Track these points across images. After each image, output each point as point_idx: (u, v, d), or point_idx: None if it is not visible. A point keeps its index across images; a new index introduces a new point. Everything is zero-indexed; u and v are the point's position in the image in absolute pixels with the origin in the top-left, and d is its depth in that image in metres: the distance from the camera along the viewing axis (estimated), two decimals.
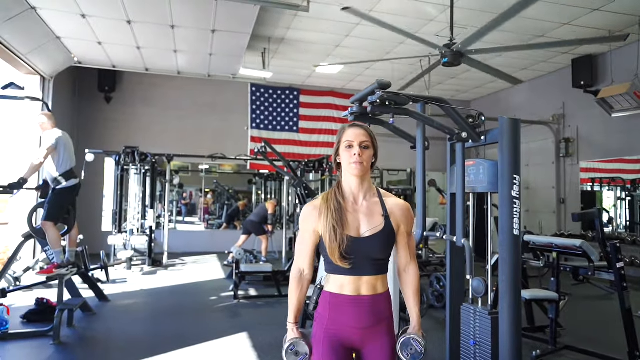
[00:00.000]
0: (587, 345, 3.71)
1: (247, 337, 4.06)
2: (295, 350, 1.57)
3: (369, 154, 1.58)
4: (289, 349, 1.57)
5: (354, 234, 1.53)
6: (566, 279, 5.38)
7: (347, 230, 1.53)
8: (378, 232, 1.55)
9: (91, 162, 7.18)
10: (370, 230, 1.54)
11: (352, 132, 1.58)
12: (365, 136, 1.58)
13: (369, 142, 1.58)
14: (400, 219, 1.61)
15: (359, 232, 1.54)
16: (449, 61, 5.13)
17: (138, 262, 7.95)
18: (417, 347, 1.57)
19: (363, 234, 1.54)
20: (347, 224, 1.53)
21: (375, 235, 1.54)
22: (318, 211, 1.58)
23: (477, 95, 10.86)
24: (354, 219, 1.56)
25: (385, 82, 2.28)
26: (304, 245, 1.62)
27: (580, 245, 3.60)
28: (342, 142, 1.59)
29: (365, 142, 1.57)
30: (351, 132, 1.58)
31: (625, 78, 6.77)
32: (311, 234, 1.60)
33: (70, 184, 4.25)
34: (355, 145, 1.56)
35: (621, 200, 8.34)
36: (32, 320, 4.27)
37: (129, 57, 7.50)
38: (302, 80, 10.07)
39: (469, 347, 2.76)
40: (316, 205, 1.61)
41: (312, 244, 1.61)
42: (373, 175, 9.56)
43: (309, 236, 1.60)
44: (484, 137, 2.72)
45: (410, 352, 1.57)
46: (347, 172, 1.60)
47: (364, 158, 1.56)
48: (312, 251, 1.62)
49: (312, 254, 1.62)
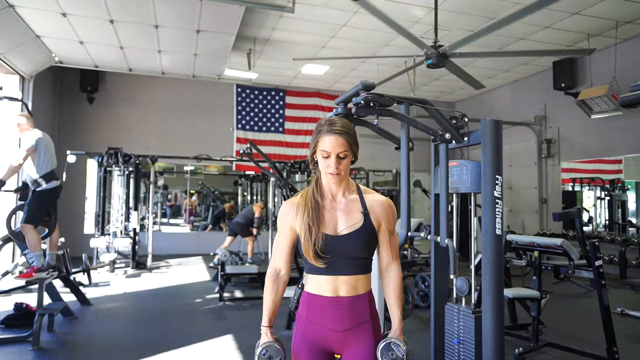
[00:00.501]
0: (568, 342, 3.79)
1: (232, 339, 4.03)
2: (269, 355, 1.50)
3: (346, 162, 1.49)
4: (261, 354, 1.50)
5: (331, 232, 1.48)
6: (547, 278, 5.48)
7: (324, 229, 1.47)
8: (356, 229, 1.49)
9: (73, 163, 7.07)
10: (348, 228, 1.49)
11: (329, 142, 1.46)
12: (343, 145, 1.46)
13: (347, 151, 1.48)
14: (381, 216, 1.54)
15: (337, 230, 1.49)
16: (433, 63, 5.19)
17: (121, 264, 7.83)
18: (398, 352, 1.50)
19: (340, 232, 1.49)
20: (323, 222, 1.48)
21: (354, 233, 1.49)
22: (295, 209, 1.53)
23: (461, 96, 11.00)
24: (331, 217, 1.50)
25: (369, 84, 2.30)
26: (280, 244, 1.57)
27: (561, 245, 3.67)
28: (318, 147, 1.49)
29: (343, 152, 1.47)
30: (328, 141, 1.46)
31: (604, 80, 6.94)
32: (288, 232, 1.55)
33: (51, 185, 4.17)
34: (332, 157, 1.46)
35: (600, 200, 8.54)
36: (11, 326, 4.17)
37: (112, 57, 7.39)
38: (288, 81, 10.06)
39: (453, 345, 2.79)
40: (294, 203, 1.55)
41: (289, 242, 1.56)
42: (359, 176, 9.62)
43: (285, 235, 1.56)
44: (467, 138, 2.75)
45: (391, 357, 1.50)
46: (324, 175, 1.52)
47: (341, 168, 1.48)
48: (289, 250, 1.57)
49: (289, 253, 1.57)
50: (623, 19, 6.42)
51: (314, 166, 1.56)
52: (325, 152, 1.47)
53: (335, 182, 1.51)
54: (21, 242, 4.34)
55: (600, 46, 7.37)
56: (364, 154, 9.64)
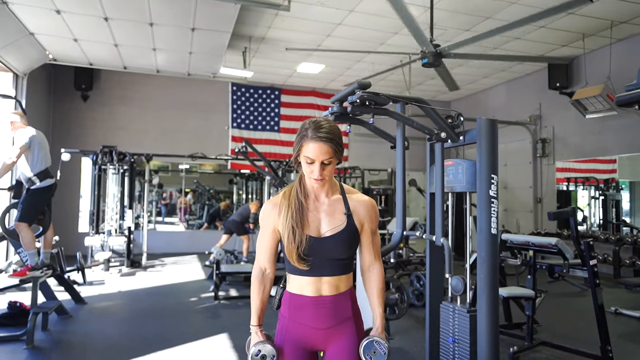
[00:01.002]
0: (562, 341, 3.81)
1: (227, 337, 4.02)
2: (262, 355, 1.50)
3: (330, 168, 1.47)
4: (255, 355, 1.50)
5: (314, 233, 1.48)
6: (542, 277, 5.51)
7: (308, 230, 1.47)
8: (339, 231, 1.49)
9: (67, 161, 7.00)
10: (331, 230, 1.49)
11: (313, 149, 1.42)
12: (327, 152, 1.42)
13: (332, 158, 1.44)
14: (363, 216, 1.54)
15: (320, 231, 1.49)
16: (429, 62, 5.20)
17: (116, 263, 7.79)
18: (380, 350, 1.51)
19: (324, 234, 1.48)
20: (307, 224, 1.48)
21: (336, 235, 1.48)
22: (278, 209, 1.52)
23: (457, 96, 11.02)
24: (314, 218, 1.50)
25: (365, 82, 2.30)
26: (264, 243, 1.57)
27: (556, 244, 3.69)
28: (302, 152, 1.45)
29: (327, 159, 1.44)
30: (312, 149, 1.42)
31: (599, 80, 6.98)
32: (271, 232, 1.54)
33: (45, 184, 4.14)
34: (316, 164, 1.44)
35: (595, 200, 8.59)
36: (4, 324, 4.13)
37: (106, 54, 7.34)
38: (284, 79, 10.04)
39: (448, 344, 2.79)
40: (276, 202, 1.54)
41: (273, 242, 1.56)
42: (355, 175, 9.63)
43: (268, 235, 1.55)
44: (462, 137, 2.75)
45: (373, 354, 1.51)
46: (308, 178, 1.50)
47: (325, 174, 1.46)
48: (273, 250, 1.57)
49: (273, 252, 1.57)
50: (618, 19, 6.45)
51: (298, 166, 1.53)
52: (309, 159, 1.44)
53: (318, 186, 1.51)
54: (15, 240, 4.31)
55: (595, 46, 7.41)
56: (359, 152, 9.61)
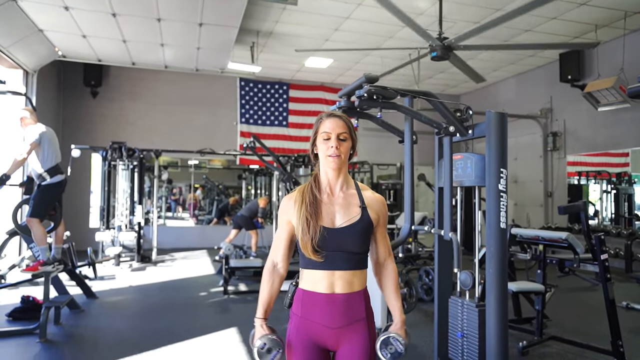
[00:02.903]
0: (572, 336, 3.78)
1: (236, 332, 4.05)
2: (268, 348, 1.48)
3: (346, 145, 1.52)
4: (260, 348, 1.48)
5: (328, 225, 1.48)
6: (552, 271, 5.46)
7: (322, 222, 1.47)
8: (354, 222, 1.49)
9: (77, 157, 7.08)
10: (346, 222, 1.49)
11: (329, 123, 1.51)
12: (343, 127, 1.51)
13: (347, 134, 1.52)
14: (378, 211, 1.55)
15: (334, 223, 1.49)
16: (438, 55, 5.14)
17: (127, 258, 7.88)
18: (397, 347, 1.48)
19: (338, 225, 1.48)
20: (321, 216, 1.48)
21: (352, 226, 1.48)
22: (293, 203, 1.53)
23: (466, 89, 10.92)
24: (329, 211, 1.50)
25: (372, 76, 2.28)
26: (278, 238, 1.57)
27: (566, 238, 3.65)
28: (319, 133, 1.53)
29: (343, 134, 1.50)
30: (328, 123, 1.52)
31: (611, 72, 6.85)
32: (286, 225, 1.55)
33: (56, 180, 4.18)
34: (332, 138, 1.50)
35: (607, 194, 8.47)
36: (18, 318, 4.21)
37: (115, 50, 7.38)
38: (292, 74, 10.01)
39: (457, 339, 2.78)
40: (292, 197, 1.56)
41: (287, 236, 1.55)
42: (363, 170, 9.60)
43: (283, 228, 1.56)
44: (471, 131, 2.73)
45: (390, 351, 1.48)
46: (324, 164, 1.53)
47: (341, 150, 1.50)
48: (287, 244, 1.56)
49: (287, 246, 1.56)
50: (632, 10, 6.32)
51: (315, 158, 1.58)
52: (325, 134, 1.51)
53: (335, 166, 1.51)
54: (27, 235, 4.37)
55: (608, 37, 7.27)
56: (367, 147, 9.56)
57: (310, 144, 1.58)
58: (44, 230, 4.24)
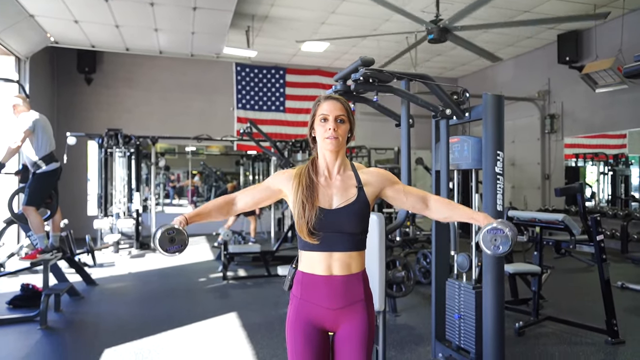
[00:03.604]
0: (568, 316, 3.83)
1: (236, 316, 4.09)
2: (172, 237, 1.41)
3: (344, 128, 1.51)
4: (166, 232, 1.40)
5: (325, 206, 1.48)
6: (549, 253, 5.50)
7: (318, 204, 1.47)
8: (350, 203, 1.48)
9: (73, 145, 7.04)
10: (342, 203, 1.48)
11: (327, 105, 1.51)
12: (341, 109, 1.51)
13: (345, 116, 1.51)
14: (378, 182, 1.54)
15: (331, 204, 1.48)
16: (435, 37, 5.09)
17: (125, 245, 7.91)
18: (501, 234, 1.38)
19: (335, 207, 1.48)
20: (317, 199, 1.48)
21: (348, 207, 1.48)
22: (291, 182, 1.53)
23: (463, 72, 10.84)
24: (326, 194, 1.50)
25: (368, 59, 2.25)
26: (255, 190, 1.58)
27: (563, 220, 3.67)
28: (317, 115, 1.53)
29: (341, 116, 1.50)
30: (326, 105, 1.51)
31: (610, 53, 6.80)
32: (270, 190, 1.56)
33: (51, 167, 4.16)
34: (330, 119, 1.49)
35: (604, 175, 8.50)
36: (18, 306, 4.23)
37: (108, 36, 7.27)
38: (288, 59, 9.91)
39: (454, 320, 2.82)
40: (290, 174, 1.55)
41: (261, 194, 1.56)
42: (361, 154, 9.58)
43: (265, 188, 1.57)
44: (468, 114, 2.71)
45: (495, 243, 1.39)
46: (322, 147, 1.53)
47: (339, 132, 1.49)
48: (255, 198, 1.57)
49: (254, 199, 1.57)
50: None
51: (313, 142, 1.58)
52: (323, 116, 1.51)
53: (332, 148, 1.50)
54: (24, 224, 4.37)
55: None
56: (365, 132, 9.50)
57: (309, 128, 1.58)
58: (41, 218, 4.24)
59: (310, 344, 1.49)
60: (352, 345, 1.49)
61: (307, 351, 1.48)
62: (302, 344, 1.49)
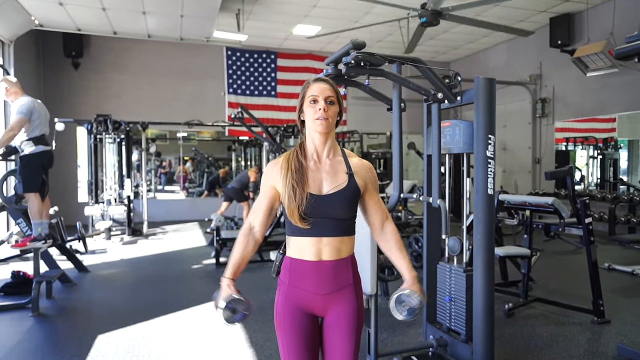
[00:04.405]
0: (556, 297, 3.90)
1: None
2: (233, 308, 1.42)
3: (334, 109, 1.50)
4: (227, 306, 1.42)
5: (315, 192, 1.47)
6: (538, 236, 5.58)
7: (308, 189, 1.46)
8: (341, 189, 1.48)
9: (62, 131, 6.94)
10: (333, 188, 1.48)
11: (316, 87, 1.51)
12: (330, 91, 1.50)
13: (335, 98, 1.50)
14: (367, 177, 1.54)
15: (321, 190, 1.48)
16: (427, 21, 5.04)
17: (117, 232, 7.88)
18: (411, 302, 1.48)
19: (325, 192, 1.47)
20: (307, 183, 1.47)
21: (339, 193, 1.47)
22: (279, 169, 1.52)
23: (456, 56, 10.79)
24: (315, 178, 1.49)
25: (359, 42, 2.22)
26: (259, 203, 1.56)
27: (552, 203, 3.71)
28: (306, 97, 1.51)
29: (330, 97, 1.49)
30: (316, 87, 1.51)
31: (601, 37, 6.80)
32: (269, 191, 1.54)
33: (36, 150, 4.05)
34: (320, 100, 1.48)
35: (593, 159, 8.58)
36: (10, 293, 4.22)
37: (94, 19, 7.11)
38: (279, 43, 9.78)
39: (445, 303, 2.85)
40: (277, 162, 1.55)
41: (267, 202, 1.54)
42: (353, 139, 9.57)
43: (266, 194, 1.55)
44: (459, 98, 2.70)
45: (404, 308, 1.49)
46: (311, 129, 1.52)
47: (329, 114, 1.48)
48: (267, 210, 1.55)
49: (266, 213, 1.55)
50: None
51: (302, 125, 1.56)
52: (313, 97, 1.49)
53: (322, 129, 1.49)
54: (13, 209, 4.31)
55: (598, 0, 7.17)
56: (357, 116, 9.46)
57: (297, 111, 1.56)
58: (40, 205, 4.16)
59: (299, 329, 1.49)
60: (341, 330, 1.50)
61: (297, 337, 1.49)
62: (292, 330, 1.49)
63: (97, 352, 3.02)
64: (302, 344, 1.49)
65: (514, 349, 3.03)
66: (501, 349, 2.97)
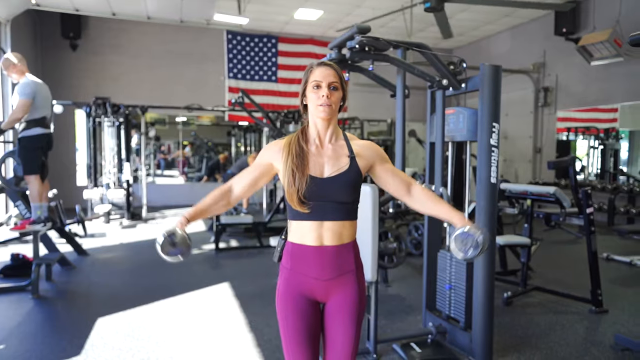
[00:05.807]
0: (555, 286, 3.92)
1: (229, 286, 4.12)
2: (173, 242, 1.42)
3: (337, 95, 1.48)
4: (167, 237, 1.41)
5: (316, 174, 1.46)
6: (538, 225, 5.58)
7: (309, 172, 1.45)
8: (342, 172, 1.46)
9: (60, 114, 6.88)
10: (335, 171, 1.46)
11: (320, 72, 1.47)
12: (334, 76, 1.47)
13: (338, 83, 1.47)
14: (371, 156, 1.52)
15: (322, 173, 1.47)
16: (431, 6, 4.97)
17: (116, 216, 7.87)
18: (475, 237, 1.35)
19: (327, 175, 1.46)
20: (308, 167, 1.46)
21: (340, 176, 1.46)
22: (279, 148, 1.51)
23: (459, 43, 10.66)
24: (317, 162, 1.47)
25: (364, 27, 2.19)
26: (249, 171, 1.55)
27: (554, 193, 3.70)
28: (309, 82, 1.48)
29: (334, 83, 1.46)
30: (319, 72, 1.47)
31: (607, 25, 6.71)
32: (262, 165, 1.53)
33: (34, 132, 4.01)
34: (323, 86, 1.45)
35: (594, 149, 8.56)
36: (9, 275, 4.23)
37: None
38: (280, 27, 9.65)
39: (445, 291, 2.86)
40: (279, 143, 1.53)
41: (257, 174, 1.53)
42: (354, 126, 9.51)
43: (257, 166, 1.54)
44: (464, 85, 2.67)
45: (465, 247, 1.37)
46: (313, 114, 1.49)
47: (332, 100, 1.45)
48: (253, 179, 1.54)
49: (251, 181, 1.54)
50: None
51: (304, 110, 1.53)
52: (316, 82, 1.46)
53: (325, 115, 1.47)
54: (12, 191, 4.29)
55: None
56: (358, 103, 9.39)
57: (300, 95, 1.53)
58: (41, 188, 4.14)
59: (301, 315, 1.48)
60: (343, 316, 1.49)
61: (298, 322, 1.48)
62: (293, 316, 1.48)
63: (97, 334, 3.04)
64: (303, 330, 1.48)
65: (512, 337, 3.05)
66: (499, 337, 2.99)
